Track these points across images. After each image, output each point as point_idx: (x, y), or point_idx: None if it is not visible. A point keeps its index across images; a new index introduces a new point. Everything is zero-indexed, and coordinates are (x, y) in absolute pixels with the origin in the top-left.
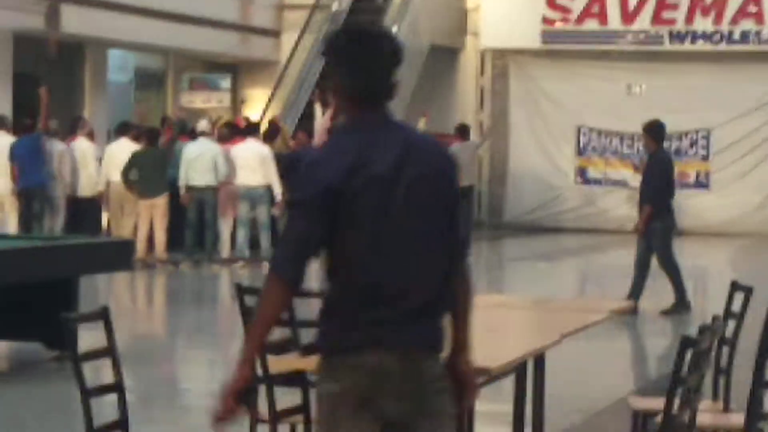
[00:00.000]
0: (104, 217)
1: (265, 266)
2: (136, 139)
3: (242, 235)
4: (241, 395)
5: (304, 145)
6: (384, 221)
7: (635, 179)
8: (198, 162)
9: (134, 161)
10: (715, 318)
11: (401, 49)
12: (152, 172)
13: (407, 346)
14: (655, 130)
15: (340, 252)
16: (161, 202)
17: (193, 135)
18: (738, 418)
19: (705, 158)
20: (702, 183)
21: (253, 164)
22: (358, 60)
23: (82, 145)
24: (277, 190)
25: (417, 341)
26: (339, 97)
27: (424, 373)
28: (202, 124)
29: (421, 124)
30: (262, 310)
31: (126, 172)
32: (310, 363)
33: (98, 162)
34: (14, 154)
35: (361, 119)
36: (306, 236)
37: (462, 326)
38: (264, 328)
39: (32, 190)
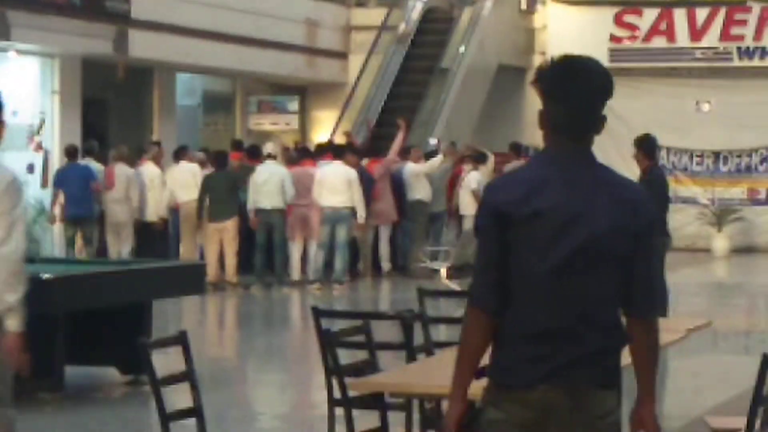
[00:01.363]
0: (170, 241)
1: (338, 288)
2: (200, 162)
3: (320, 257)
4: (461, 426)
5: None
6: (551, 258)
7: (705, 196)
8: (265, 185)
9: (206, 185)
10: None
11: (612, 84)
12: (222, 195)
13: (577, 384)
14: (647, 145)
15: (513, 282)
16: (230, 226)
17: (261, 158)
18: None
19: None
20: None
21: (339, 186)
22: (569, 92)
23: (149, 169)
24: (361, 212)
25: (587, 380)
26: (544, 126)
27: (594, 407)
28: (269, 147)
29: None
30: (464, 341)
31: (201, 196)
32: (386, 385)
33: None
34: (61, 181)
35: (556, 150)
36: (487, 261)
37: (646, 378)
38: (469, 359)
39: (81, 218)
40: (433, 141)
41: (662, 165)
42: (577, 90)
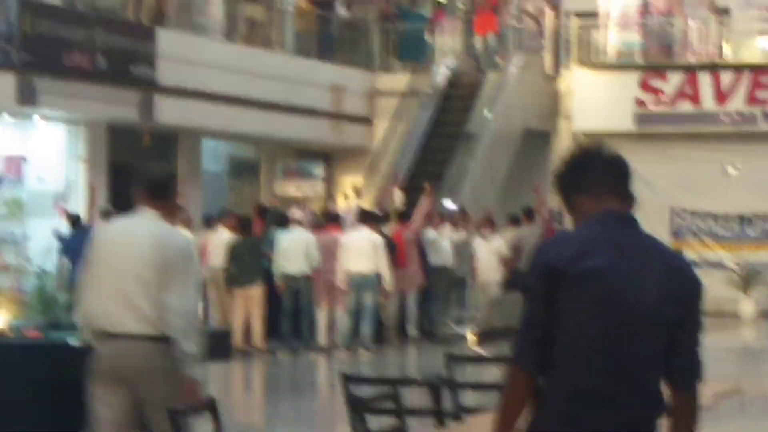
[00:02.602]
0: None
1: (364, 354)
2: (233, 228)
3: (347, 322)
4: None
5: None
6: (601, 319)
7: (731, 260)
8: (291, 250)
9: (231, 251)
10: None
11: (627, 167)
12: (247, 261)
13: None
14: None
15: (558, 343)
16: (256, 292)
17: (286, 224)
18: None
19: None
20: None
21: (366, 251)
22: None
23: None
24: (387, 278)
25: None
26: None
27: None
28: (295, 213)
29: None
30: (503, 399)
31: (228, 262)
32: None
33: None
34: (64, 249)
35: (603, 214)
36: (532, 320)
37: None
38: (508, 417)
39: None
40: (450, 205)
41: (689, 229)
42: (598, 177)
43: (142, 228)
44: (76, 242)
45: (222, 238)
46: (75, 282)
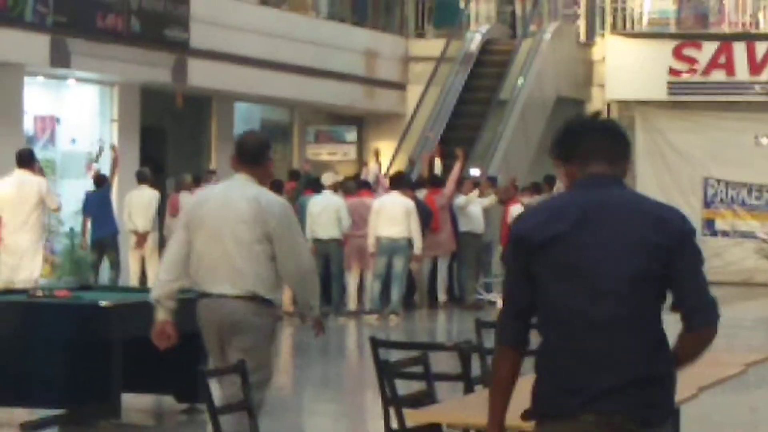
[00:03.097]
0: None
1: (393, 319)
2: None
3: (376, 287)
4: None
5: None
6: (574, 284)
7: (763, 230)
8: (322, 216)
9: None
10: None
11: (618, 132)
12: None
13: (612, 418)
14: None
15: (541, 312)
16: None
17: (318, 188)
18: None
19: None
20: None
21: (398, 216)
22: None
23: None
24: (418, 244)
25: (626, 413)
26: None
27: None
28: (327, 177)
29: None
30: (493, 377)
31: None
32: (444, 416)
33: None
34: (85, 208)
35: (580, 179)
36: (510, 294)
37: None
38: (498, 394)
39: (104, 240)
40: (475, 172)
41: (721, 199)
42: (586, 144)
43: (237, 192)
44: (96, 200)
45: None
46: (95, 240)
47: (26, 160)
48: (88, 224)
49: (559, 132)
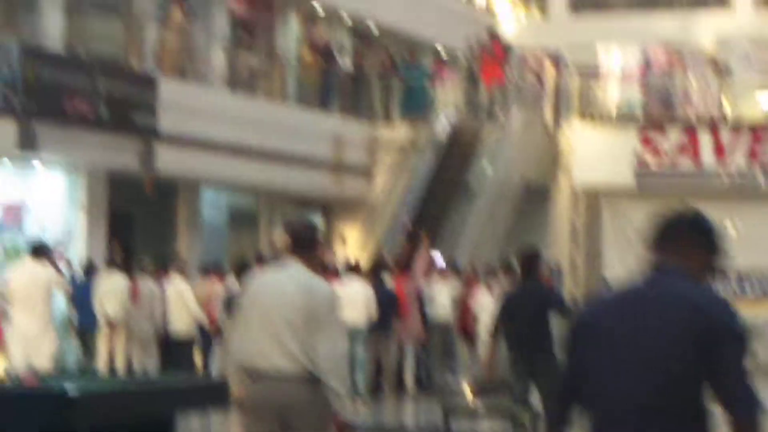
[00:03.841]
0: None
1: (359, 402)
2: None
3: None
4: None
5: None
6: (603, 373)
7: None
8: None
9: (227, 302)
10: None
11: (676, 221)
12: None
13: None
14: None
15: (584, 395)
16: None
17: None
18: None
19: None
20: None
21: (358, 302)
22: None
23: (177, 285)
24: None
25: None
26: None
27: None
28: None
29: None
30: None
31: (225, 313)
32: None
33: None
34: (75, 296)
35: (647, 269)
36: (562, 375)
37: None
38: None
39: (87, 328)
40: (439, 260)
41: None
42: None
43: (290, 278)
44: (83, 289)
45: (216, 289)
46: (81, 327)
47: (38, 252)
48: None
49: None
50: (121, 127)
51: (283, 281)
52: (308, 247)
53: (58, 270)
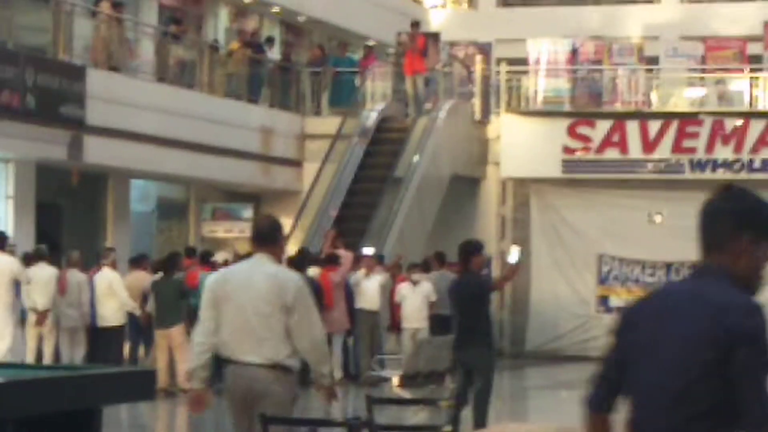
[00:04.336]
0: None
1: None
2: (153, 270)
3: None
4: None
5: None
6: (639, 368)
7: None
8: None
9: (153, 290)
10: None
11: (744, 209)
12: (168, 301)
13: None
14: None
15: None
16: (176, 332)
17: (213, 265)
18: None
19: None
20: None
21: None
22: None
23: (107, 275)
24: None
25: None
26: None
27: None
28: (220, 255)
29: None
30: None
31: (144, 302)
32: None
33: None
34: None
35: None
36: (605, 360)
37: None
38: None
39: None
40: (368, 250)
41: (615, 275)
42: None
43: (258, 271)
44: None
45: (140, 279)
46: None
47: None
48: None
49: None
50: (49, 118)
51: (253, 274)
52: (272, 240)
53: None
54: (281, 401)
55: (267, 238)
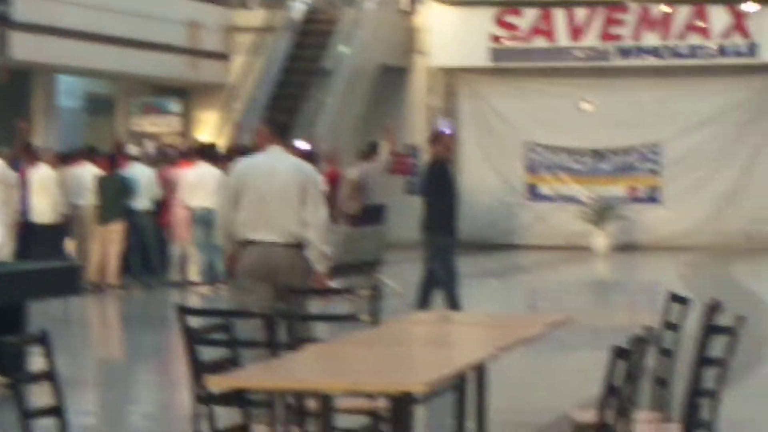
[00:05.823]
0: (69, 243)
1: (221, 288)
2: (98, 164)
3: (199, 258)
4: None
5: None
6: None
7: (585, 194)
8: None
9: (98, 186)
10: (648, 328)
11: None
12: (112, 198)
13: None
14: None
15: None
16: (117, 229)
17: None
18: (676, 428)
19: (655, 173)
20: (653, 197)
21: (209, 186)
22: None
23: (42, 171)
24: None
25: None
26: None
27: None
28: (134, 150)
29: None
30: None
31: (94, 196)
32: (244, 381)
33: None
34: None
35: None
36: None
37: None
38: None
39: None
40: (302, 145)
41: (544, 164)
42: None
43: (280, 161)
44: None
45: (86, 173)
46: None
47: None
48: None
49: None
50: None
51: (274, 163)
52: (285, 135)
53: None
54: (303, 273)
55: (283, 133)
